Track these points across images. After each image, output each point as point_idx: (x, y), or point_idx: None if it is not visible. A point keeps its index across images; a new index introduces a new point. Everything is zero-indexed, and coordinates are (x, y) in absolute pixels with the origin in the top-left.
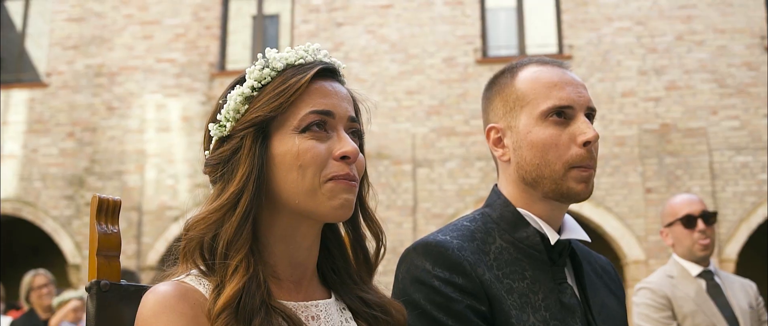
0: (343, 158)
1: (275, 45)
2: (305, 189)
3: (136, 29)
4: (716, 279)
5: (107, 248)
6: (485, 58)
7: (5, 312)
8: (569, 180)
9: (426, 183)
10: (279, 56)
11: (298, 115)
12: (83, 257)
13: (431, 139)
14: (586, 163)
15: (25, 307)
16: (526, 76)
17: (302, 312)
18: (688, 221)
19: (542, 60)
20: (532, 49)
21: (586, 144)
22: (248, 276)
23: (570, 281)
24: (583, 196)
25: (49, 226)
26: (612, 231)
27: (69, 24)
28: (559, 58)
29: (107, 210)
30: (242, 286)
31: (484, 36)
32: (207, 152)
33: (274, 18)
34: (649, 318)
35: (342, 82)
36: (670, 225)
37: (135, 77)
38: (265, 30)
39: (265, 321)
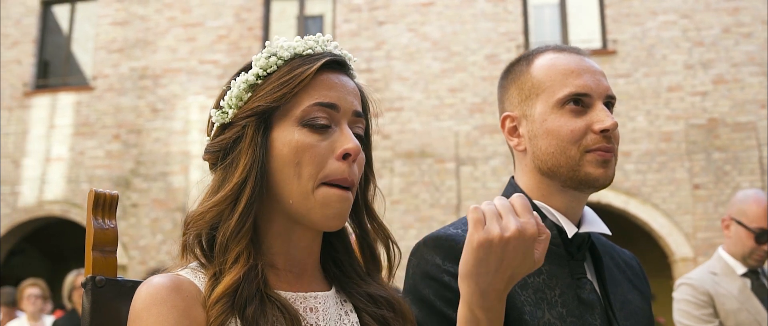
0: (345, 156)
1: None
2: (299, 191)
3: (179, 31)
4: (762, 278)
5: (103, 243)
6: None
7: (52, 312)
8: (586, 165)
9: (470, 181)
10: (287, 45)
11: (301, 106)
12: (130, 257)
13: (474, 137)
14: (603, 147)
15: (69, 307)
16: (543, 63)
17: (300, 302)
18: (761, 237)
19: (559, 47)
20: (575, 45)
21: (603, 132)
22: (248, 267)
23: (590, 276)
24: (603, 181)
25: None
26: (659, 229)
27: (114, 28)
28: (603, 54)
29: (104, 205)
30: (242, 276)
31: (526, 32)
32: (208, 138)
33: (318, 19)
34: (690, 314)
35: (351, 76)
36: (739, 222)
37: (179, 79)
38: (307, 30)
39: (259, 310)
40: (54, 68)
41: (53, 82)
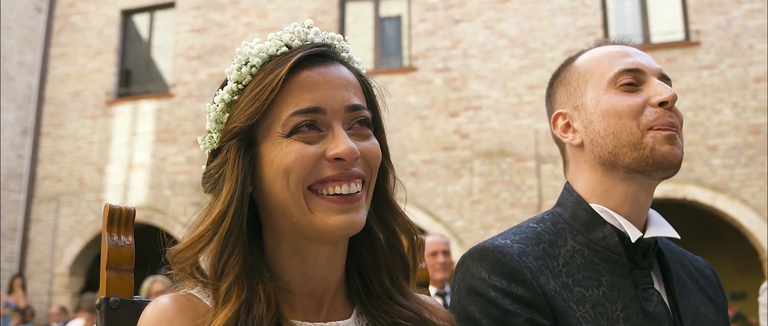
0: (338, 160)
1: (397, 46)
2: (293, 202)
3: (255, 37)
4: None
5: (118, 261)
6: None
7: None
8: (650, 142)
9: (551, 179)
10: (257, 49)
11: (281, 118)
12: None
13: None
14: (666, 122)
15: None
16: (587, 56)
17: None
18: None
19: (603, 41)
20: (657, 37)
21: (662, 104)
22: (243, 301)
23: (657, 286)
24: (671, 159)
25: (179, 233)
26: (748, 225)
27: (192, 35)
28: (686, 45)
29: (119, 221)
30: (236, 313)
31: (606, 26)
32: (204, 167)
33: (395, 19)
34: None
35: (343, 61)
36: None
37: None
38: (383, 31)
39: None
40: (135, 76)
41: (135, 90)
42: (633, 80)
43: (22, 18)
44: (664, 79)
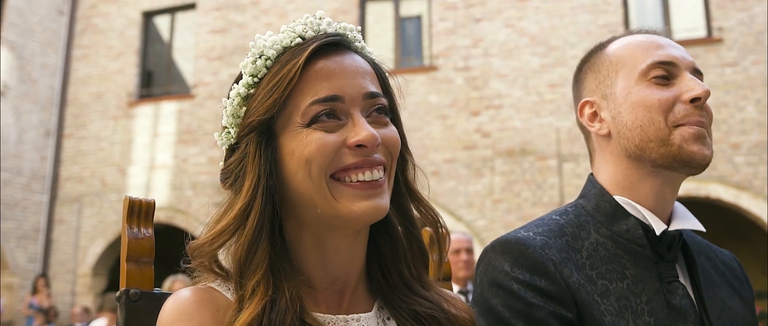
0: (359, 147)
1: (418, 45)
2: (316, 191)
3: None
4: None
5: (139, 254)
6: None
7: None
8: (678, 140)
9: (572, 178)
10: (271, 41)
11: (300, 108)
12: None
13: (576, 133)
14: (695, 120)
15: None
16: (619, 43)
17: None
18: None
19: (636, 30)
20: (678, 34)
21: (694, 101)
22: (268, 298)
23: (682, 279)
24: (699, 159)
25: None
26: None
27: (213, 35)
28: (708, 42)
29: (139, 213)
30: (261, 310)
31: (627, 23)
32: (222, 163)
33: (415, 19)
34: None
35: (357, 51)
36: None
37: None
38: (404, 31)
39: None
40: (157, 77)
41: (156, 91)
42: (665, 73)
43: (45, 21)
44: (696, 73)
